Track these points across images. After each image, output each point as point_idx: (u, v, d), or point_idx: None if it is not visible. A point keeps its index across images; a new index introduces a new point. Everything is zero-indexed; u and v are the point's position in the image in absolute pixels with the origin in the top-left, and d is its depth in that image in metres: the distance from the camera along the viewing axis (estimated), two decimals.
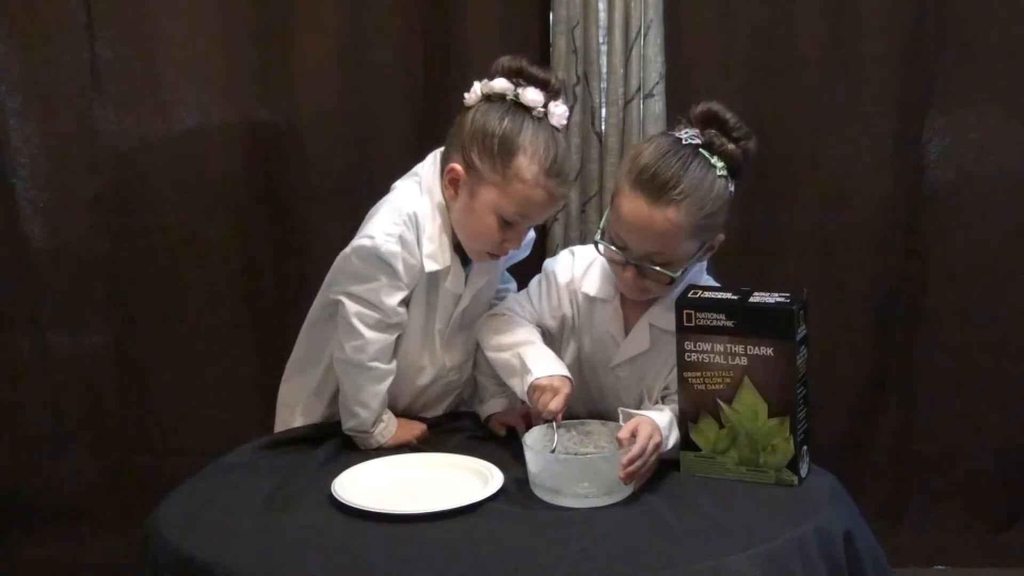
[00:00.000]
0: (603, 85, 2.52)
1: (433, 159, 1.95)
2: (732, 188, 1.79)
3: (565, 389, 1.80)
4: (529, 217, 1.87)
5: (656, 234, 1.75)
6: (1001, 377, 2.71)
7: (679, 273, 1.79)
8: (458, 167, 1.87)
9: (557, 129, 1.87)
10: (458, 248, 1.93)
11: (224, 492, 1.73)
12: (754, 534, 1.52)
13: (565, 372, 1.84)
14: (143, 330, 2.66)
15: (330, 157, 2.60)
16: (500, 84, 1.86)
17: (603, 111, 2.52)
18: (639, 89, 2.49)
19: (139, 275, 2.64)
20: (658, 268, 1.77)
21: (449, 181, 1.88)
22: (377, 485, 1.73)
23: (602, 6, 2.50)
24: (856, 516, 1.67)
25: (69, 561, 2.65)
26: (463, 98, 1.90)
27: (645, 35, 2.47)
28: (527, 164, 1.82)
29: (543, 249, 2.55)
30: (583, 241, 2.46)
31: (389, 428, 1.93)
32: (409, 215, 1.87)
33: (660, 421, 1.71)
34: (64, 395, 2.68)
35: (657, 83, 2.49)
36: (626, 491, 1.66)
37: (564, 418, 1.80)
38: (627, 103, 2.51)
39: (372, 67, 2.57)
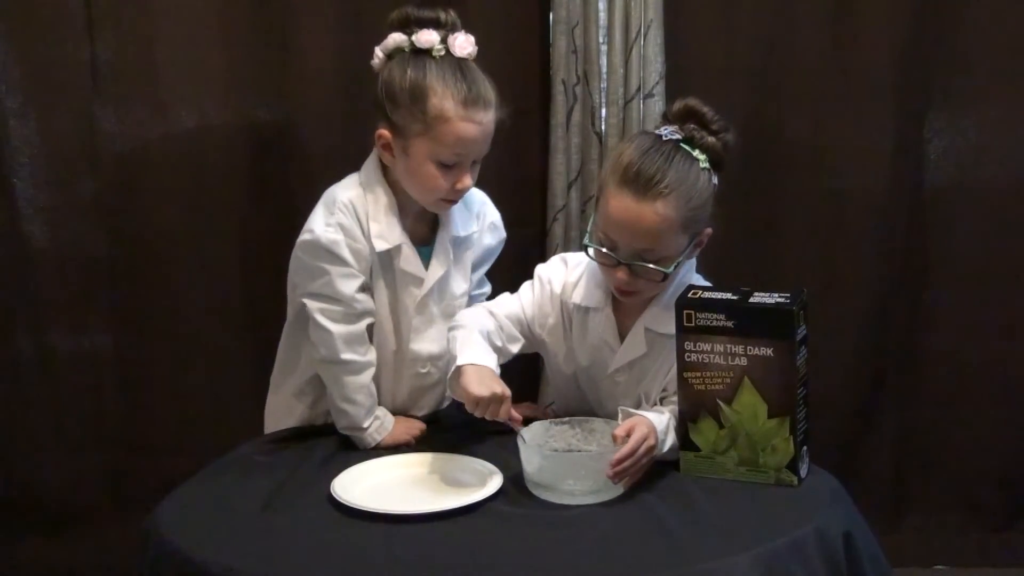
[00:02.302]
0: (603, 85, 2.52)
1: (375, 149, 1.96)
2: (716, 181, 1.81)
3: (499, 389, 1.72)
4: (466, 153, 1.87)
5: (646, 230, 1.75)
6: (1001, 377, 2.71)
7: (671, 269, 1.79)
8: (384, 131, 1.89)
9: (465, 59, 1.88)
10: (417, 233, 1.94)
11: (224, 492, 1.73)
12: (754, 534, 1.52)
13: (487, 363, 1.77)
14: (143, 330, 2.66)
15: (330, 157, 2.59)
16: (394, 39, 1.90)
17: (603, 111, 2.53)
18: (639, 89, 2.49)
19: (139, 275, 2.63)
20: (650, 265, 1.77)
21: (382, 147, 1.91)
22: (377, 485, 1.72)
23: (602, 6, 2.50)
24: (856, 516, 1.67)
25: (69, 561, 2.65)
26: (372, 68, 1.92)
27: (645, 35, 2.47)
28: (441, 103, 1.83)
29: (543, 249, 2.55)
30: (583, 240, 2.45)
31: (385, 425, 1.92)
32: (344, 203, 1.90)
33: (658, 424, 1.71)
34: (64, 395, 2.67)
35: (657, 83, 2.49)
36: (616, 490, 1.66)
37: (569, 415, 1.83)
38: (627, 103, 2.51)
39: (371, 67, 2.56)
